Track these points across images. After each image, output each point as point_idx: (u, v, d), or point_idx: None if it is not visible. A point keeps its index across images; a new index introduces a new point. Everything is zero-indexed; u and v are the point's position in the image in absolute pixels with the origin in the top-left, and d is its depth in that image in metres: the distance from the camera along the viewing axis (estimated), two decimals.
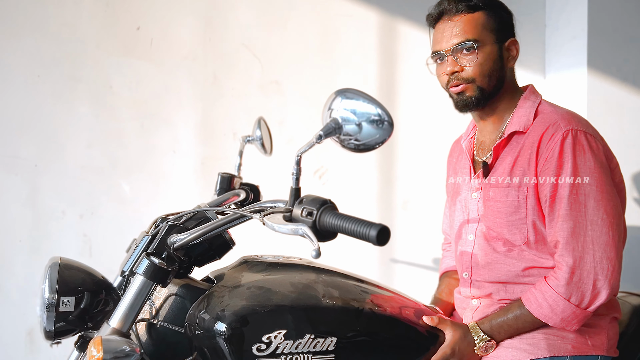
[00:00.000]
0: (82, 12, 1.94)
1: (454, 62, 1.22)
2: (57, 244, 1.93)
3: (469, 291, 1.31)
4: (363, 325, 1.09)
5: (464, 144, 1.36)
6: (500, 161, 1.25)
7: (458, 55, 1.22)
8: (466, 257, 1.30)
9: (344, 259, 1.78)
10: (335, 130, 0.94)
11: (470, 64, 1.22)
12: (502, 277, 1.25)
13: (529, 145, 1.20)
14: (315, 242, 0.84)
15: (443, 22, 1.25)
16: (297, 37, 2.16)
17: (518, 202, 1.20)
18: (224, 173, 1.45)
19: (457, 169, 1.39)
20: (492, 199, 1.24)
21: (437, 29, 1.27)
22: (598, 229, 1.13)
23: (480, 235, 1.27)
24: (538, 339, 1.19)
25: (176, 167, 2.05)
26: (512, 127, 1.24)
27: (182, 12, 2.05)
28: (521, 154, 1.21)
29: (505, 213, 1.21)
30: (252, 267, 1.14)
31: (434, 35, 1.28)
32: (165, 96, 2.03)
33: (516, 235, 1.21)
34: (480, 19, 1.23)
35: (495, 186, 1.24)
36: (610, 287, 1.14)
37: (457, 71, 1.23)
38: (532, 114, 1.23)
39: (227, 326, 1.00)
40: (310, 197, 0.90)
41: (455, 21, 1.23)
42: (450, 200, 1.39)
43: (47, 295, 1.01)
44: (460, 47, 1.22)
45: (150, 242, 1.08)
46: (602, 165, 1.16)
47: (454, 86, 1.24)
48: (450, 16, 1.24)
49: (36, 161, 1.92)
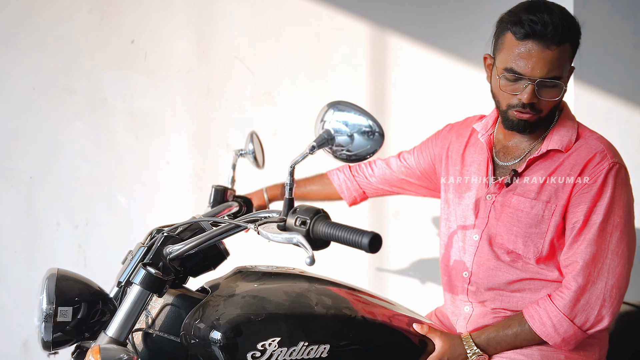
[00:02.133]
0: (77, 25, 1.95)
1: (533, 94, 1.16)
2: (52, 254, 1.93)
3: (465, 293, 1.30)
4: (355, 333, 1.10)
5: (483, 138, 1.31)
6: (532, 173, 1.23)
7: (541, 89, 1.16)
8: (468, 257, 1.29)
9: (336, 269, 1.79)
10: (328, 142, 0.96)
11: (549, 99, 1.18)
12: (501, 284, 1.26)
13: (568, 167, 1.20)
14: (309, 250, 0.86)
15: (536, 45, 1.14)
16: (290, 49, 2.17)
17: (542, 217, 1.20)
18: (217, 186, 1.47)
19: (467, 161, 1.35)
20: (512, 207, 1.23)
21: (524, 46, 1.15)
22: (616, 260, 1.17)
23: (485, 239, 1.26)
24: (532, 349, 1.20)
25: (170, 178, 2.05)
26: (553, 145, 1.22)
27: (176, 26, 2.06)
28: (557, 172, 1.21)
29: (526, 224, 1.21)
30: (247, 277, 1.15)
31: (517, 50, 1.16)
32: (159, 108, 2.04)
33: (529, 248, 1.21)
34: (567, 52, 1.17)
35: (521, 195, 1.22)
36: (612, 315, 1.17)
37: (533, 103, 1.17)
38: (574, 136, 1.23)
39: (222, 334, 1.01)
40: (304, 207, 0.92)
41: (551, 51, 1.14)
42: (455, 191, 1.35)
43: (44, 305, 1.01)
44: (548, 82, 1.16)
45: (147, 252, 1.08)
46: (631, 202, 1.20)
47: (523, 113, 1.18)
48: (547, 43, 1.13)
49: (31, 173, 1.92)
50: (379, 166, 1.53)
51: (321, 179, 1.59)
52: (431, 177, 1.46)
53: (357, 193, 1.55)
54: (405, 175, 1.50)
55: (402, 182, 1.51)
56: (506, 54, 1.18)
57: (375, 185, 1.54)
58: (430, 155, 1.45)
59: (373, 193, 1.56)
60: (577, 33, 1.19)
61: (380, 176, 1.52)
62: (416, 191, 1.52)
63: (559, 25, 1.13)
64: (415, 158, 1.48)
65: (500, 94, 1.21)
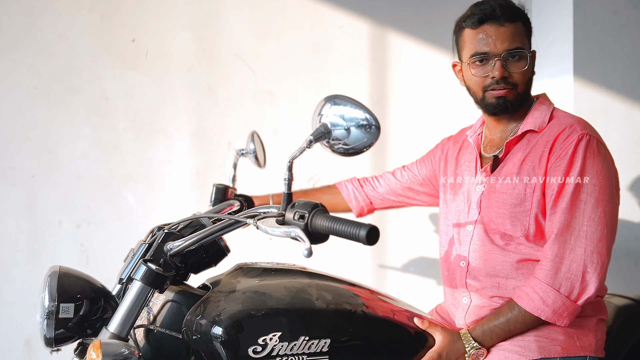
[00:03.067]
0: (78, 25, 1.96)
1: (502, 68, 1.25)
2: (54, 253, 1.94)
3: (464, 283, 1.32)
4: (355, 328, 1.11)
5: (471, 139, 1.40)
6: (511, 156, 1.29)
7: (507, 62, 1.26)
8: (464, 247, 1.33)
9: (336, 265, 1.80)
10: (325, 135, 0.97)
11: (518, 70, 1.26)
12: (498, 270, 1.28)
13: (542, 144, 1.25)
14: (307, 242, 0.86)
15: (491, 26, 1.26)
16: (290, 47, 2.18)
17: (524, 195, 1.24)
18: (218, 184, 1.48)
19: (460, 161, 1.42)
20: (497, 191, 1.28)
21: (481, 31, 1.27)
22: (594, 226, 1.18)
23: (479, 227, 1.30)
24: (529, 340, 1.21)
25: (171, 176, 2.06)
26: (527, 126, 1.29)
27: (177, 25, 2.06)
28: (533, 151, 1.26)
29: (510, 205, 1.25)
30: (247, 273, 1.15)
31: (476, 36, 1.28)
32: (161, 107, 2.04)
33: (517, 227, 1.24)
34: (521, 28, 1.28)
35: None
36: (598, 281, 1.17)
37: (505, 76, 1.26)
38: (547, 117, 1.29)
39: (223, 330, 1.01)
40: (302, 201, 0.92)
41: (506, 27, 1.25)
42: (451, 190, 1.42)
43: (47, 303, 1.02)
44: (512, 53, 1.25)
45: (148, 249, 1.09)
46: (609, 170, 1.22)
47: (497, 89, 1.27)
48: (500, 21, 1.26)
49: (33, 172, 1.92)
50: (385, 177, 1.62)
51: (330, 189, 1.64)
52: (432, 183, 1.54)
53: (365, 203, 1.61)
54: (410, 183, 1.58)
55: (406, 190, 1.58)
56: (469, 46, 1.30)
57: (382, 195, 1.60)
58: (431, 163, 1.54)
59: (380, 204, 1.62)
60: (524, 14, 1.30)
61: (387, 186, 1.60)
62: (420, 200, 1.59)
63: (505, 6, 1.27)
64: (418, 167, 1.57)
65: (473, 81, 1.31)
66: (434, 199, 1.56)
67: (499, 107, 1.29)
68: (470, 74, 1.30)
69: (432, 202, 1.58)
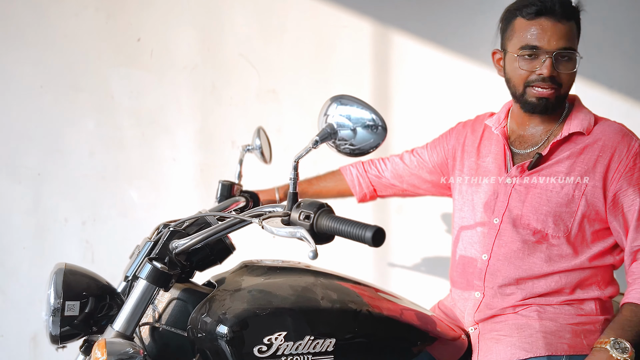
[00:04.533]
0: (84, 24, 1.97)
1: (552, 67, 1.22)
2: (60, 250, 1.95)
3: (482, 277, 1.30)
4: (361, 327, 1.11)
5: (497, 130, 1.35)
6: (558, 154, 1.27)
7: (558, 61, 1.23)
8: (488, 240, 1.31)
9: (341, 263, 1.80)
10: (331, 136, 0.96)
11: (567, 71, 1.23)
12: (522, 268, 1.27)
13: (596, 148, 1.25)
14: (312, 244, 0.86)
15: (548, 20, 1.22)
16: (294, 47, 2.18)
17: (572, 197, 1.23)
18: (224, 181, 1.47)
19: (482, 152, 1.38)
20: (540, 187, 1.26)
21: (537, 24, 1.23)
22: None
23: (507, 221, 1.28)
24: (537, 337, 1.21)
25: (176, 174, 2.07)
26: (574, 128, 1.27)
27: (182, 24, 2.07)
28: (585, 153, 1.25)
29: (556, 204, 1.24)
30: (252, 271, 1.16)
31: (530, 28, 1.23)
32: (165, 105, 2.05)
33: (559, 226, 1.24)
34: (574, 30, 1.25)
35: (550, 176, 1.26)
36: None
37: (553, 75, 1.23)
38: (592, 120, 1.28)
39: (228, 329, 1.02)
40: (308, 201, 0.92)
41: (563, 25, 1.22)
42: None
43: (52, 300, 1.02)
44: (564, 53, 1.22)
45: (153, 247, 1.09)
46: None
47: (542, 87, 1.24)
48: (557, 18, 1.22)
49: (39, 169, 1.94)
50: (392, 161, 1.56)
51: (334, 175, 1.61)
52: (442, 171, 1.49)
53: (368, 190, 1.57)
54: (418, 170, 1.52)
55: (413, 177, 1.53)
56: (519, 36, 1.25)
57: (387, 181, 1.56)
58: (444, 149, 1.48)
59: (383, 190, 1.58)
60: (579, 15, 1.27)
61: (393, 171, 1.55)
62: (425, 189, 1.54)
63: (565, 3, 1.23)
64: (429, 152, 1.51)
65: (518, 74, 1.26)
66: (441, 190, 1.52)
67: (539, 107, 1.26)
68: (515, 65, 1.26)
69: (437, 193, 1.54)
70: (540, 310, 1.26)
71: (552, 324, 1.24)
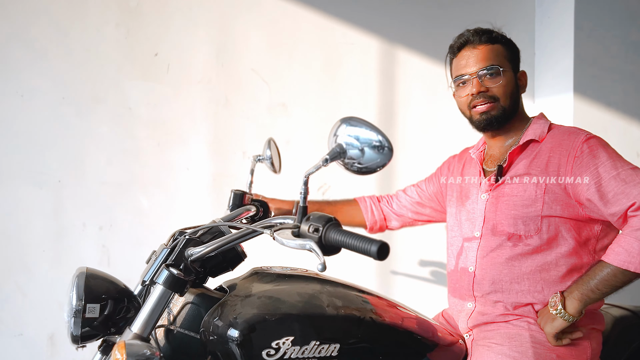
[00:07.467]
0: (104, 38, 1.99)
1: (479, 84, 1.34)
2: (78, 254, 1.96)
3: (471, 287, 1.36)
4: (364, 333, 1.13)
5: (474, 155, 1.48)
6: (516, 164, 1.36)
7: (483, 79, 1.35)
8: (472, 253, 1.37)
9: (346, 272, 1.83)
10: (340, 155, 0.98)
11: (495, 85, 1.34)
12: (503, 274, 1.32)
13: (546, 150, 1.32)
14: (321, 257, 0.87)
15: (467, 50, 1.37)
16: (303, 62, 2.20)
17: (535, 196, 1.29)
18: (236, 190, 1.48)
19: (465, 177, 1.49)
20: (507, 195, 1.33)
21: (460, 56, 1.39)
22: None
23: (487, 233, 1.35)
24: (526, 347, 1.24)
25: (189, 183, 2.09)
26: (528, 137, 1.36)
27: (197, 40, 2.09)
28: (537, 157, 1.32)
29: (522, 206, 1.30)
30: (262, 278, 1.18)
31: (457, 62, 1.39)
32: (180, 117, 2.07)
33: (530, 226, 1.29)
34: (500, 49, 1.36)
35: (512, 183, 1.33)
36: None
37: (482, 91, 1.34)
38: (546, 128, 1.37)
39: (239, 332, 1.04)
40: (317, 215, 0.93)
41: (480, 49, 1.35)
42: (457, 204, 1.47)
43: (74, 302, 1.04)
44: (486, 71, 1.34)
45: (169, 254, 1.11)
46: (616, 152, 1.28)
47: (479, 104, 1.34)
48: (474, 45, 1.36)
49: (60, 176, 1.95)
50: (398, 194, 1.72)
51: (350, 202, 1.71)
52: (439, 199, 1.61)
53: (379, 219, 1.68)
54: (418, 198, 1.65)
55: (415, 205, 1.66)
56: (453, 72, 1.42)
57: (395, 210, 1.68)
58: (438, 180, 1.61)
59: (392, 219, 1.69)
60: (505, 39, 1.38)
61: (399, 202, 1.68)
62: (427, 215, 1.66)
63: (479, 31, 1.37)
64: (426, 183, 1.66)
65: (460, 102, 1.41)
66: (441, 214, 1.62)
67: (484, 122, 1.36)
68: (457, 95, 1.41)
69: (439, 218, 1.64)
70: (530, 321, 1.30)
71: (541, 334, 1.27)
